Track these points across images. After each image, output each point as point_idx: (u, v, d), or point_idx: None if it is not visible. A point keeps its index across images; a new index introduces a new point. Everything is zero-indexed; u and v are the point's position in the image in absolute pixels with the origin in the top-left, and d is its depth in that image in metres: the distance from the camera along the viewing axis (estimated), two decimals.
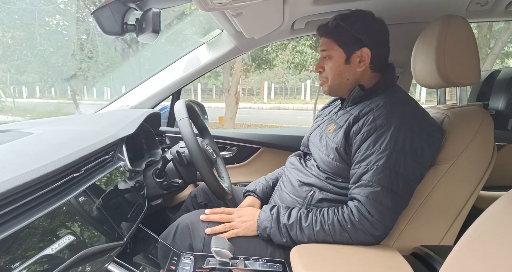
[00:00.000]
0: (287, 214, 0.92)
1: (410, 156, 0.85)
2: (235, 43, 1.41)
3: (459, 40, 0.89)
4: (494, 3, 1.16)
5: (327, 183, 0.96)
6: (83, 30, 8.06)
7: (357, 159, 0.89)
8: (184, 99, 1.18)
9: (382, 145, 0.85)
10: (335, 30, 0.97)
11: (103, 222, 0.74)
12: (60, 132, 0.90)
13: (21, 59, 9.76)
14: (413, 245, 0.90)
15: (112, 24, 0.77)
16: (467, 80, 0.91)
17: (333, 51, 0.97)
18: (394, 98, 0.93)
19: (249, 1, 0.82)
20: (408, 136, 0.85)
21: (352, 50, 0.96)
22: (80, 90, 12.51)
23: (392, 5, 1.18)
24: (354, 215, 0.85)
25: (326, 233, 0.87)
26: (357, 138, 0.89)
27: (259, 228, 0.94)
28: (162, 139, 1.48)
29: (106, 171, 0.87)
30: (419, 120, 0.90)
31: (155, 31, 0.76)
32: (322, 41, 1.00)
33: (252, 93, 18.33)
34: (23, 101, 15.81)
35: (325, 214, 0.89)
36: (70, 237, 0.60)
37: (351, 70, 0.98)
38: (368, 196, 0.84)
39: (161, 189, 1.13)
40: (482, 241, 0.56)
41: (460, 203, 0.91)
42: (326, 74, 1.00)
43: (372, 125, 0.87)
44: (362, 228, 0.85)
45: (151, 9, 0.75)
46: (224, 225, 0.96)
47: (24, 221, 0.53)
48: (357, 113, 0.93)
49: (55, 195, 0.64)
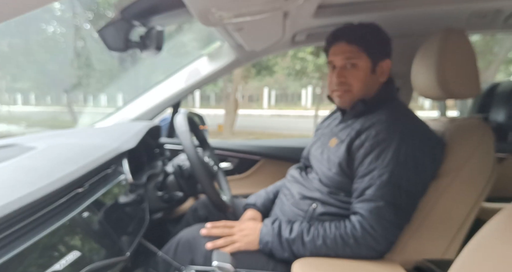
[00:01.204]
0: (289, 228, 0.91)
1: (413, 170, 0.85)
2: (236, 55, 1.42)
3: (458, 53, 0.91)
4: (493, 15, 1.18)
5: (329, 197, 0.96)
6: (80, 37, 8.07)
7: (360, 174, 0.88)
8: (185, 110, 1.18)
9: (385, 160, 0.85)
10: (365, 39, 0.94)
11: (107, 237, 0.73)
12: (64, 147, 0.90)
13: (17, 66, 9.73)
14: (416, 259, 0.89)
15: (116, 41, 0.77)
16: (467, 92, 0.93)
17: (360, 60, 0.94)
18: (396, 112, 0.94)
19: (250, 16, 0.84)
20: (410, 150, 0.85)
21: (378, 60, 0.95)
22: (76, 97, 12.47)
23: (393, 18, 1.20)
24: (357, 230, 0.84)
25: (328, 248, 0.86)
26: (360, 152, 0.89)
27: (261, 243, 0.92)
28: (162, 151, 1.48)
29: (109, 185, 0.87)
30: (421, 134, 0.90)
31: (158, 49, 0.77)
32: (344, 49, 0.95)
33: (252, 100, 18.36)
34: (18, 108, 15.72)
35: (327, 228, 0.88)
36: (77, 253, 0.60)
37: (375, 81, 0.97)
38: (371, 211, 0.84)
39: (162, 202, 1.12)
40: (484, 253, 0.56)
41: (462, 216, 0.91)
42: (351, 82, 0.95)
43: (375, 140, 0.87)
44: (364, 243, 0.84)
45: (155, 28, 0.76)
46: (225, 239, 0.95)
47: (33, 238, 0.54)
48: (359, 127, 0.92)
49: (61, 211, 0.64)
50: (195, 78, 1.47)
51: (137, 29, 0.80)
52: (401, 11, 1.15)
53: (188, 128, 1.04)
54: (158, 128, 1.33)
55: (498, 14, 1.15)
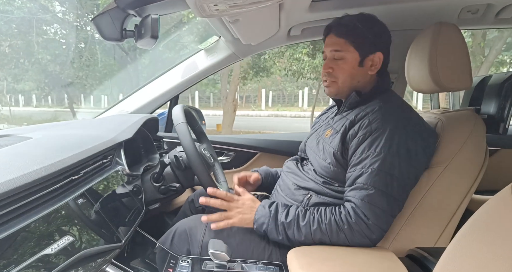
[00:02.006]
0: (285, 212, 0.91)
1: (405, 159, 0.86)
2: (233, 49, 1.43)
3: (450, 46, 0.92)
4: (485, 11, 1.19)
5: (324, 187, 0.97)
6: (81, 38, 8.11)
7: (353, 163, 0.89)
8: (182, 104, 1.19)
9: (377, 149, 0.86)
10: (353, 32, 0.95)
11: (102, 224, 0.74)
12: (60, 136, 0.90)
13: (18, 67, 9.77)
14: (408, 247, 0.90)
15: (111, 30, 0.78)
16: (459, 85, 0.94)
17: (348, 53, 0.95)
18: (389, 103, 0.95)
19: (245, 8, 0.85)
20: (402, 139, 0.86)
21: (367, 53, 0.96)
22: (77, 98, 12.51)
23: (386, 12, 1.21)
24: (351, 216, 0.85)
25: (323, 233, 0.87)
26: (353, 142, 0.90)
27: (256, 223, 0.92)
28: (160, 144, 1.49)
29: (105, 174, 0.88)
30: (413, 124, 0.91)
31: (154, 37, 0.78)
32: (333, 41, 0.97)
33: (250, 101, 18.41)
34: (19, 109, 15.77)
35: (322, 213, 0.89)
36: (69, 238, 0.60)
37: (363, 73, 0.98)
38: (363, 199, 0.84)
39: (158, 193, 1.13)
40: (473, 241, 0.58)
41: (454, 206, 0.92)
42: (337, 74, 0.97)
43: (368, 129, 0.88)
44: (358, 230, 0.85)
45: (150, 16, 0.77)
46: (221, 214, 0.95)
47: (25, 221, 0.54)
48: (353, 118, 0.94)
49: (55, 197, 0.65)
50: (192, 72, 1.49)
51: (132, 18, 0.81)
52: (394, 5, 1.16)
53: (185, 120, 1.06)
54: (156, 121, 1.34)
55: (489, 9, 1.17)
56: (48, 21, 8.76)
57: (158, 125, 1.38)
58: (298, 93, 16.79)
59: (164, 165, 1.12)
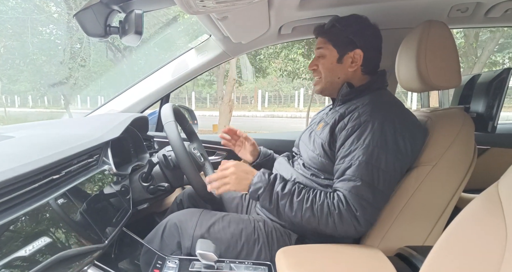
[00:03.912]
0: (282, 184, 0.91)
1: (392, 153, 0.86)
2: (223, 47, 1.42)
3: (439, 44, 0.92)
4: (474, 9, 1.19)
5: (311, 180, 0.98)
6: (76, 39, 8.07)
7: (341, 155, 0.90)
8: (172, 103, 1.18)
9: (365, 141, 0.86)
10: (331, 31, 1.02)
11: (84, 225, 0.72)
12: (43, 135, 0.89)
13: (13, 68, 9.72)
14: (397, 246, 0.90)
15: (95, 26, 0.77)
16: (448, 83, 0.93)
17: (327, 50, 1.02)
18: (381, 98, 0.96)
19: (233, 4, 0.84)
20: (391, 133, 0.87)
21: (345, 50, 1.00)
22: (73, 99, 12.45)
23: (376, 11, 1.21)
24: (343, 203, 0.85)
25: (313, 212, 0.86)
26: (342, 133, 0.91)
27: (253, 186, 0.92)
28: (151, 143, 1.47)
29: (90, 174, 0.86)
30: (403, 119, 0.91)
31: (138, 33, 0.76)
32: (318, 41, 1.05)
33: (246, 101, 18.41)
34: (15, 110, 15.68)
35: (317, 194, 0.89)
36: (46, 239, 0.59)
37: (343, 70, 1.01)
38: (350, 190, 0.85)
39: (147, 193, 1.12)
40: (459, 239, 0.57)
41: (443, 204, 0.91)
42: (320, 71, 1.04)
43: (357, 121, 0.89)
44: (347, 218, 0.84)
45: (134, 11, 0.75)
46: (219, 181, 0.94)
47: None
48: (343, 111, 0.96)
49: (33, 197, 0.63)
50: (183, 71, 1.47)
51: (116, 13, 0.79)
52: (384, 3, 1.16)
53: (174, 118, 1.04)
54: (146, 119, 1.32)
55: (479, 7, 1.17)
56: (43, 22, 8.71)
57: (148, 124, 1.36)
58: (294, 93, 16.82)
59: (153, 165, 1.11)
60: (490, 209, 0.56)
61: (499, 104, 1.00)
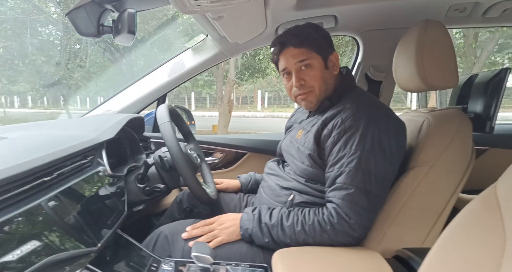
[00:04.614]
0: (269, 214, 0.91)
1: (380, 155, 0.86)
2: (220, 48, 1.41)
3: (437, 44, 0.91)
4: (472, 9, 1.19)
5: (306, 186, 0.96)
6: (75, 39, 8.06)
7: (330, 163, 0.89)
8: (168, 103, 1.17)
9: (352, 147, 0.86)
10: (309, 38, 0.96)
11: (76, 227, 0.71)
12: (37, 137, 0.88)
13: (12, 69, 9.73)
14: (395, 248, 0.89)
15: (87, 25, 0.76)
16: (446, 83, 0.93)
17: (313, 59, 0.96)
18: (358, 99, 0.95)
19: (228, 4, 0.83)
20: (376, 135, 0.86)
21: (327, 55, 0.98)
22: (73, 99, 12.44)
23: (375, 11, 1.20)
24: (333, 216, 0.85)
25: (306, 234, 0.87)
26: (329, 141, 0.90)
27: (242, 229, 0.92)
28: (147, 144, 1.46)
29: (83, 175, 0.85)
30: (385, 118, 0.91)
31: (131, 32, 0.75)
32: (295, 53, 0.97)
33: (246, 102, 18.40)
34: (15, 111, 15.68)
35: (306, 214, 0.89)
36: (36, 242, 0.57)
37: (331, 75, 1.00)
38: (343, 198, 0.84)
39: (143, 194, 1.10)
40: (457, 241, 0.57)
41: (441, 205, 0.91)
42: (310, 84, 0.97)
43: (342, 128, 0.88)
44: (341, 230, 0.84)
45: (127, 10, 0.74)
46: (207, 236, 0.95)
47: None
48: (324, 118, 0.94)
49: (23, 199, 0.62)
50: (179, 71, 1.46)
51: (109, 13, 0.78)
52: (382, 3, 1.15)
53: (169, 119, 1.03)
54: (141, 120, 1.31)
55: (477, 7, 1.16)
56: (42, 22, 8.71)
57: (144, 125, 1.35)
58: None
59: (148, 166, 1.10)
60: (488, 210, 0.55)
61: (497, 104, 0.99)
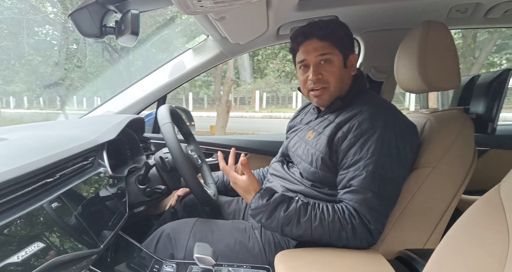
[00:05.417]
0: (284, 207, 0.87)
1: (396, 159, 0.85)
2: (221, 48, 1.41)
3: (439, 45, 0.91)
4: (474, 10, 1.19)
5: (312, 190, 0.95)
6: (72, 39, 8.02)
7: (346, 165, 0.88)
8: (168, 104, 1.16)
9: (369, 150, 0.85)
10: (335, 34, 0.94)
11: (78, 229, 0.71)
12: (37, 137, 0.87)
13: (8, 68, 9.65)
14: (398, 249, 0.89)
15: (90, 26, 0.75)
16: (448, 84, 0.93)
17: (334, 55, 0.94)
18: (374, 103, 0.94)
19: (231, 5, 0.82)
20: (392, 139, 0.86)
21: (347, 54, 0.96)
22: (69, 100, 12.36)
23: (376, 12, 1.20)
24: (355, 217, 0.83)
25: (324, 230, 0.84)
26: (344, 144, 0.88)
27: (251, 210, 0.90)
28: (147, 145, 1.46)
29: (85, 177, 0.85)
30: (399, 121, 0.90)
31: (134, 33, 0.75)
32: (318, 45, 0.94)
33: (244, 102, 18.39)
34: (10, 111, 15.56)
35: (325, 210, 0.86)
36: (40, 244, 0.57)
37: (348, 75, 0.98)
38: (361, 203, 0.83)
39: (143, 195, 1.10)
40: (461, 242, 0.57)
41: (443, 206, 0.91)
42: (327, 79, 0.95)
43: (358, 131, 0.87)
44: (361, 231, 0.83)
45: (130, 11, 0.74)
46: None
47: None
48: (339, 121, 0.92)
49: (26, 200, 0.61)
50: (180, 72, 1.46)
51: (112, 13, 0.78)
52: (384, 4, 1.15)
53: (170, 120, 1.03)
54: (142, 121, 1.30)
55: (478, 8, 1.17)
56: (39, 22, 8.65)
57: (144, 126, 1.34)
58: (292, 94, 16.80)
59: (149, 167, 1.09)
60: (492, 212, 0.55)
61: (499, 105, 0.99)
